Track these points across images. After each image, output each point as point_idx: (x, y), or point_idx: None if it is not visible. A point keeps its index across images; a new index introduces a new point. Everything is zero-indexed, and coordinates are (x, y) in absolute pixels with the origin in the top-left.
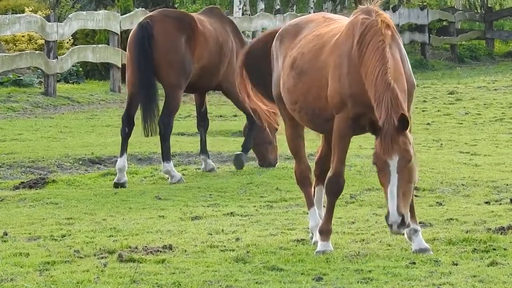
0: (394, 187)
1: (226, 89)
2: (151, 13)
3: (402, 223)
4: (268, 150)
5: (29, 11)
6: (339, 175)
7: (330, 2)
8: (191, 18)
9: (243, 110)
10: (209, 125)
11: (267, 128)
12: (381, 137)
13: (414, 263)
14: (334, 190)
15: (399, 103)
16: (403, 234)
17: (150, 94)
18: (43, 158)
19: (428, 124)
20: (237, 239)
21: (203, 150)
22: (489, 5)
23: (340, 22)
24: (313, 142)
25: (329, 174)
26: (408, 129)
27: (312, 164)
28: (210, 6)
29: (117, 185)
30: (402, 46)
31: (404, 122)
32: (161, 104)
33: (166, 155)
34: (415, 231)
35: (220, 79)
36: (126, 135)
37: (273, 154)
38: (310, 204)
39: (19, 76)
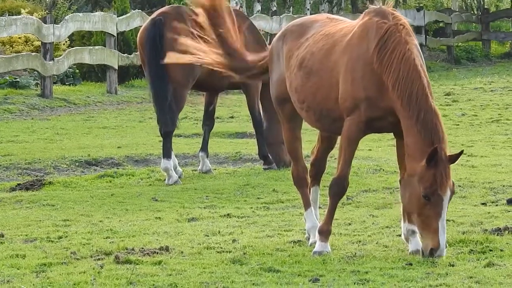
0: (444, 222)
1: (244, 88)
2: (164, 9)
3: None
4: (283, 150)
5: (26, 12)
6: (344, 178)
7: (327, 3)
8: None
9: (252, 113)
10: (214, 125)
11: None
12: (436, 170)
13: (410, 264)
14: (338, 192)
15: (444, 133)
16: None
17: (163, 89)
18: (40, 159)
19: None
20: (234, 241)
21: (204, 148)
22: (485, 7)
23: (347, 22)
24: (309, 144)
25: (335, 175)
26: None
27: (308, 166)
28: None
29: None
30: (419, 48)
31: (459, 156)
32: None
33: (166, 152)
34: (413, 232)
35: (235, 79)
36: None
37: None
38: (307, 205)
39: (16, 78)
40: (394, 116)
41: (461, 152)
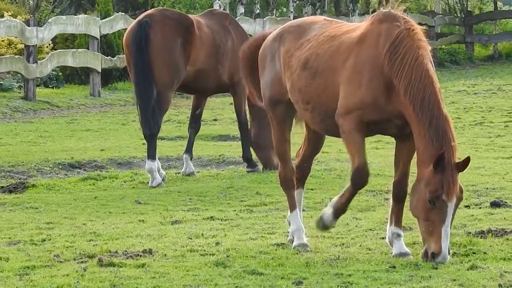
0: (448, 228)
1: (233, 90)
2: (151, 11)
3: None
4: (272, 154)
5: (9, 15)
6: (362, 167)
7: (310, 6)
8: (190, 22)
9: (239, 116)
10: (200, 128)
11: None
12: (444, 175)
13: (394, 267)
14: (359, 180)
15: (455, 140)
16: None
17: (148, 91)
18: (23, 162)
19: None
20: (217, 244)
21: (188, 150)
22: (469, 9)
23: (349, 24)
24: (294, 147)
25: (352, 168)
26: None
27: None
28: (212, 8)
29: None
30: (429, 52)
31: (467, 163)
32: None
33: (151, 154)
34: (398, 235)
35: (223, 81)
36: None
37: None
38: (292, 207)
39: None
40: (401, 119)
41: (468, 160)
